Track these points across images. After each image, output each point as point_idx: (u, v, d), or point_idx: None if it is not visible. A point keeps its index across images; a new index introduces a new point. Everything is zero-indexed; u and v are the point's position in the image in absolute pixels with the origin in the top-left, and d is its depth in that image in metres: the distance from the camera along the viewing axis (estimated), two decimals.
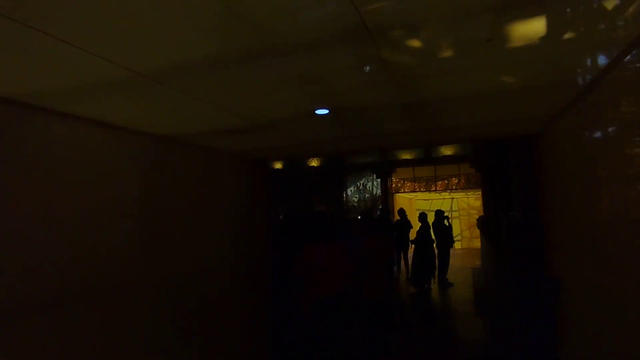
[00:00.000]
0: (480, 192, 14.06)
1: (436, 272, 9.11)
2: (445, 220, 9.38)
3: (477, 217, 18.24)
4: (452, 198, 18.03)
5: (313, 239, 4.30)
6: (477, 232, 17.68)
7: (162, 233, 3.38)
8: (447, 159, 11.68)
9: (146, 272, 3.16)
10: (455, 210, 18.33)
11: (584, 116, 2.86)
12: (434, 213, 9.65)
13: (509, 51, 1.98)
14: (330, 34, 1.73)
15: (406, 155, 12.08)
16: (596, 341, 2.77)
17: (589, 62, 2.32)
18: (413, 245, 8.94)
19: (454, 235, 9.63)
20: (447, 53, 1.95)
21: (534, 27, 1.76)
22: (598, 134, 2.74)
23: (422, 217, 9.03)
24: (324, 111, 2.90)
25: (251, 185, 4.86)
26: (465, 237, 17.91)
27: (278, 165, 9.20)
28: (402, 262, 10.12)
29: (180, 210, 3.60)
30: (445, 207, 15.65)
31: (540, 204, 4.06)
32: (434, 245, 9.02)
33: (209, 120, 3.06)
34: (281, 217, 7.58)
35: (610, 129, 2.52)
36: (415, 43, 1.81)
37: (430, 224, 9.14)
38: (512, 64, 2.22)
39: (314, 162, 11.75)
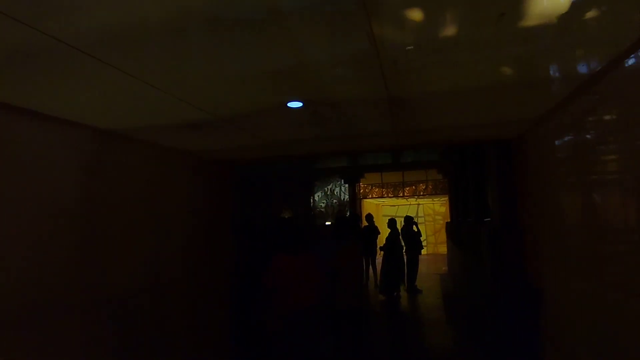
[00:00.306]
0: (446, 198, 14.26)
1: (405, 278, 8.95)
2: (414, 226, 9.27)
3: (442, 222, 18.52)
4: (418, 204, 18.18)
5: (282, 247, 3.90)
6: (443, 237, 17.90)
7: (105, 243, 2.88)
8: (415, 165, 11.69)
9: (85, 288, 2.67)
10: (421, 216, 18.47)
11: (567, 121, 2.78)
12: (402, 219, 9.53)
13: (510, 39, 1.75)
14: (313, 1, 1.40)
15: (375, 161, 11.98)
16: (581, 353, 2.62)
17: (580, 67, 2.24)
18: (382, 252, 8.74)
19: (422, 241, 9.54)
20: (449, 31, 1.66)
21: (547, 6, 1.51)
22: (579, 140, 2.67)
23: (392, 223, 8.86)
24: (297, 104, 2.54)
25: (213, 188, 4.40)
26: (431, 242, 18.07)
27: (243, 168, 8.71)
28: (370, 269, 9.90)
29: (127, 217, 3.10)
30: (411, 213, 15.73)
31: (519, 209, 3.92)
32: (403, 251, 8.87)
33: (161, 112, 2.62)
34: (246, 223, 7.09)
35: (590, 135, 2.51)
36: (414, 15, 1.50)
37: (400, 230, 8.99)
38: (507, 57, 2.01)
39: (281, 167, 11.35)
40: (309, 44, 1.75)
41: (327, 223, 12.43)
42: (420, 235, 9.40)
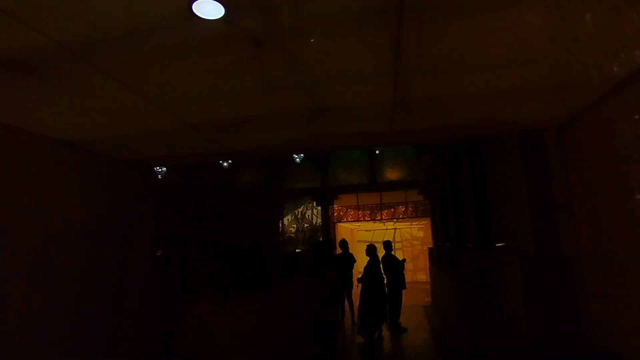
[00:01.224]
0: (425, 222, 13.18)
1: (387, 315, 7.62)
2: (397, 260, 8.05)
3: (420, 248, 17.41)
4: (395, 228, 17.07)
5: (225, 287, 2.44)
6: (421, 264, 16.76)
7: None
8: (393, 185, 10.70)
9: None
10: (398, 242, 17.35)
11: None
12: (382, 245, 8.30)
13: None
14: None
15: (350, 181, 10.89)
16: None
17: None
18: (359, 284, 7.42)
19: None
20: None
21: None
22: None
23: (371, 250, 7.61)
24: (216, 10, 1.25)
25: (117, 201, 2.96)
26: (409, 269, 16.88)
27: (181, 175, 7.24)
28: (346, 304, 8.50)
29: None
30: (388, 238, 14.61)
31: (563, 231, 2.74)
32: (384, 283, 7.58)
33: None
34: (180, 253, 5.46)
35: None
36: None
37: (380, 259, 7.73)
38: None
39: (246, 184, 10.03)
40: None
41: (298, 250, 11.11)
42: (403, 269, 8.20)
